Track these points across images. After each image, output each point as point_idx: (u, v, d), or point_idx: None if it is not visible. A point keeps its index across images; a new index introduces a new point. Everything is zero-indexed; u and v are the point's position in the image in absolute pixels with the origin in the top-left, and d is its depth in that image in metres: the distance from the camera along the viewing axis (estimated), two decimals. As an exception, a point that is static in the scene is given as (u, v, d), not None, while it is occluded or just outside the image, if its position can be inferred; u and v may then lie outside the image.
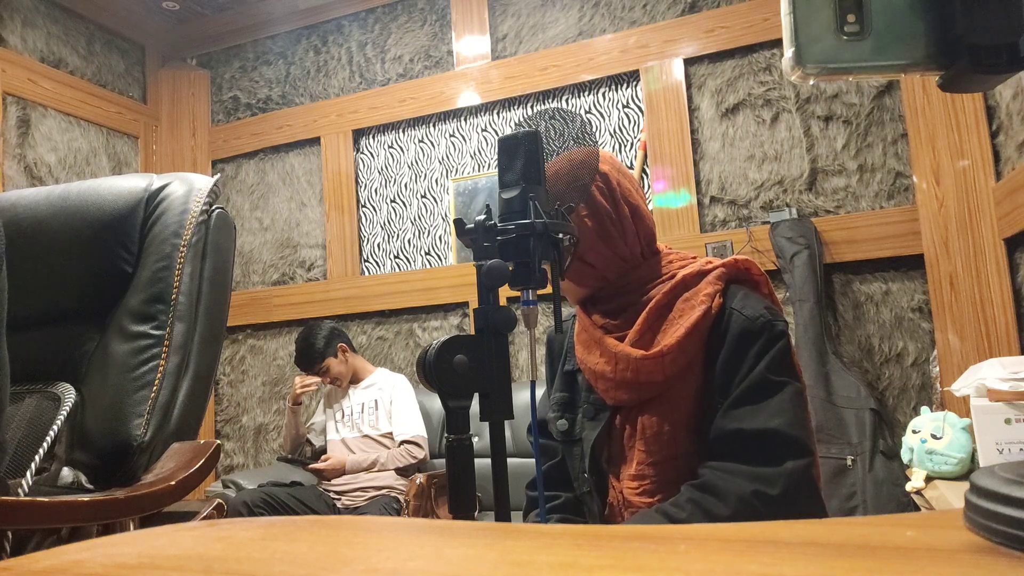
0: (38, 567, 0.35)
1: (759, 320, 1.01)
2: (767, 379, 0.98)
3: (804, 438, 0.98)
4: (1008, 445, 1.64)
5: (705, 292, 1.04)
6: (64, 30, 3.50)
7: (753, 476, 0.95)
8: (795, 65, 0.44)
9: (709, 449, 1.00)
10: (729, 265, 1.08)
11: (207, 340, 1.26)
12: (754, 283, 1.10)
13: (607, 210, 1.07)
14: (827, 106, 2.90)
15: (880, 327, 2.76)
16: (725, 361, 1.01)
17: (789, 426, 0.96)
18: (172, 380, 1.16)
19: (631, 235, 1.08)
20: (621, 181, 1.09)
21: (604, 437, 1.10)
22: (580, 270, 1.09)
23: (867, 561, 0.30)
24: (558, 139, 0.92)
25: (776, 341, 1.00)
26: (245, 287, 3.83)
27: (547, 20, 3.38)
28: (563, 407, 1.17)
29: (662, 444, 1.03)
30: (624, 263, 1.09)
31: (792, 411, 0.98)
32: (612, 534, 0.38)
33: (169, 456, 1.15)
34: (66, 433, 1.09)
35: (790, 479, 0.94)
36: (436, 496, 2.76)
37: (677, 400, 1.03)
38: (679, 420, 1.02)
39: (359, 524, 0.45)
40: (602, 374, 1.07)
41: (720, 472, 0.97)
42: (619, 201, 1.08)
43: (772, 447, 0.96)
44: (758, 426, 0.96)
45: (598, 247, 1.07)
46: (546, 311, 3.15)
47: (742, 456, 0.96)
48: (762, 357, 0.99)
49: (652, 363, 1.01)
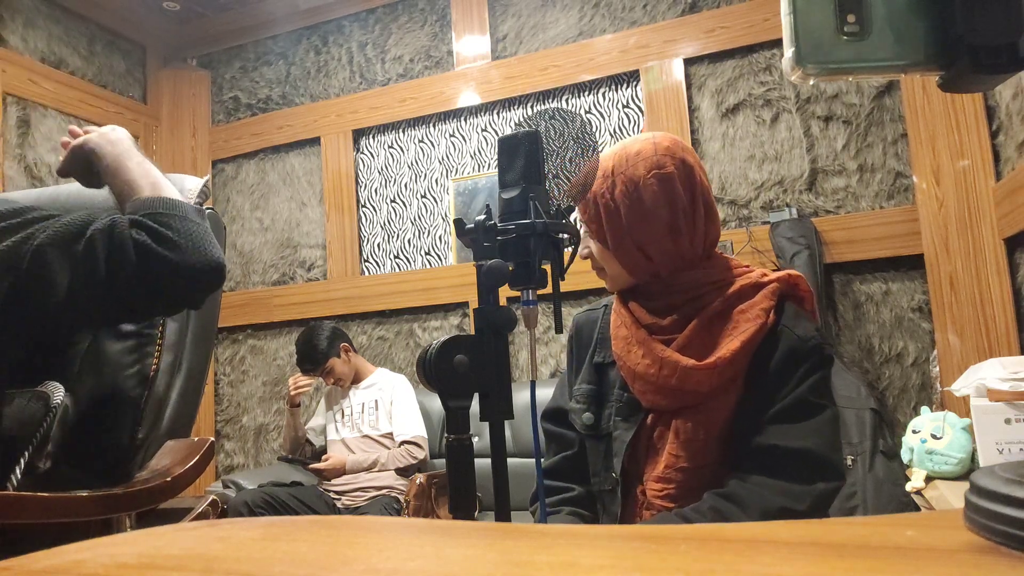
0: (38, 567, 0.35)
1: (810, 342, 1.00)
2: (809, 400, 0.98)
3: (837, 462, 0.98)
4: (1008, 445, 1.64)
5: (761, 306, 1.02)
6: (65, 30, 3.50)
7: (782, 491, 0.95)
8: (795, 65, 0.44)
9: (741, 461, 1.00)
10: (783, 280, 1.06)
11: (199, 339, 1.26)
12: (800, 299, 1.08)
13: (684, 203, 1.03)
14: (827, 106, 2.90)
15: (880, 327, 2.76)
16: (771, 377, 1.00)
17: (825, 449, 0.97)
18: (165, 379, 1.17)
19: (700, 234, 1.05)
20: (703, 177, 1.06)
21: (633, 436, 1.08)
22: (636, 260, 1.05)
23: (867, 561, 0.30)
24: (558, 139, 0.91)
25: (823, 366, 1.00)
26: (245, 287, 3.84)
27: (547, 20, 3.38)
28: (590, 400, 1.13)
29: (694, 451, 1.01)
30: (682, 261, 1.05)
31: (829, 434, 0.98)
32: (612, 534, 0.38)
33: (164, 453, 1.16)
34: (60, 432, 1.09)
35: (818, 499, 0.95)
36: (436, 496, 2.76)
37: (716, 410, 1.01)
38: (714, 429, 1.01)
39: (359, 524, 0.45)
40: (643, 375, 1.04)
41: (748, 484, 0.96)
42: (698, 196, 1.04)
43: (806, 466, 0.96)
44: (795, 444, 0.96)
45: (664, 240, 1.03)
46: (546, 311, 3.15)
47: (775, 471, 0.96)
48: (807, 378, 0.99)
49: (702, 373, 0.99)
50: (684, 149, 1.06)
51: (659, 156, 1.03)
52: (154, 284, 0.95)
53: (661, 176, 1.02)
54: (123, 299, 0.96)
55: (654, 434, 1.06)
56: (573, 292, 3.05)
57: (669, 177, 1.02)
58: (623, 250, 1.05)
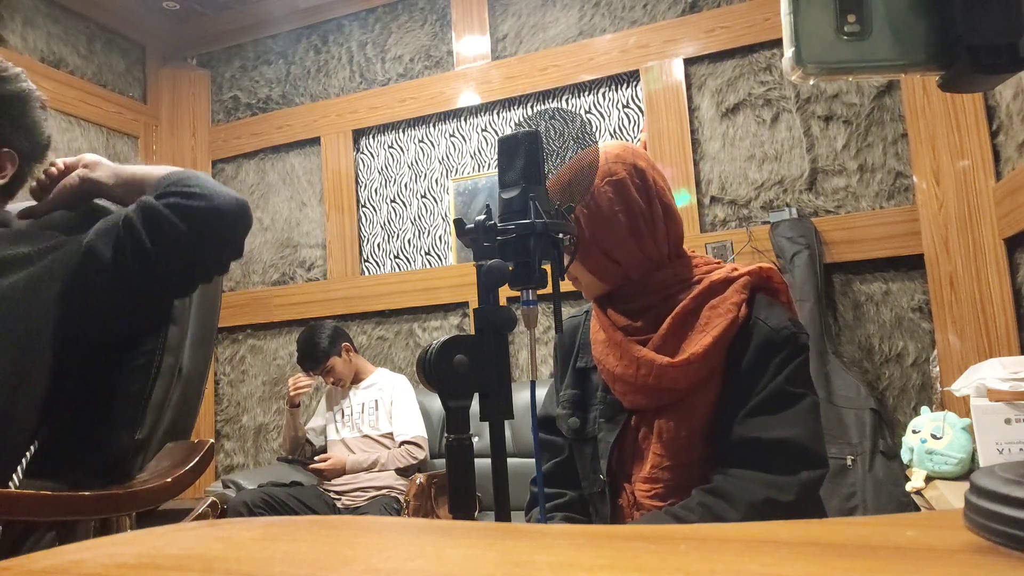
0: (38, 567, 0.35)
1: (783, 331, 1.01)
2: (786, 390, 0.99)
3: (820, 450, 0.99)
4: (1008, 445, 1.64)
5: (732, 300, 1.03)
6: (64, 30, 3.50)
7: (767, 483, 0.95)
8: (795, 65, 0.44)
9: (724, 455, 1.00)
10: (754, 273, 1.07)
11: (198, 343, 1.26)
12: (775, 291, 1.09)
13: (641, 206, 1.05)
14: (827, 106, 2.90)
15: (880, 327, 2.76)
16: (746, 370, 1.01)
17: (806, 437, 0.97)
18: (165, 380, 1.17)
19: (661, 235, 1.07)
20: (656, 179, 1.08)
21: (618, 438, 1.09)
22: (605, 266, 1.07)
23: (867, 561, 0.30)
24: (558, 139, 0.92)
25: (798, 354, 1.01)
26: (245, 287, 3.84)
27: (547, 20, 3.38)
28: (574, 405, 1.15)
29: (678, 449, 1.02)
30: (650, 263, 1.07)
31: (809, 423, 0.99)
32: (612, 534, 0.38)
33: (164, 455, 1.16)
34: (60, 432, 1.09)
35: (803, 489, 0.95)
36: (436, 496, 2.76)
37: (696, 406, 1.02)
38: (696, 426, 1.02)
39: (359, 524, 0.45)
40: (621, 377, 1.06)
41: (733, 478, 0.97)
42: (653, 198, 1.06)
43: (788, 457, 0.96)
44: (775, 435, 0.97)
45: (627, 244, 1.05)
46: (546, 311, 3.15)
47: (758, 464, 0.97)
48: (783, 368, 1.00)
49: (677, 371, 1.01)
50: (635, 154, 1.08)
51: (610, 164, 1.05)
52: (200, 233, 1.03)
53: (614, 182, 1.04)
54: (177, 261, 1.04)
55: (638, 435, 1.08)
56: (573, 292, 3.05)
57: (621, 182, 1.05)
58: (591, 258, 1.07)
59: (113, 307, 1.05)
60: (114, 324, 1.08)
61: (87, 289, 1.02)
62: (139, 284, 1.04)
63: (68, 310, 1.02)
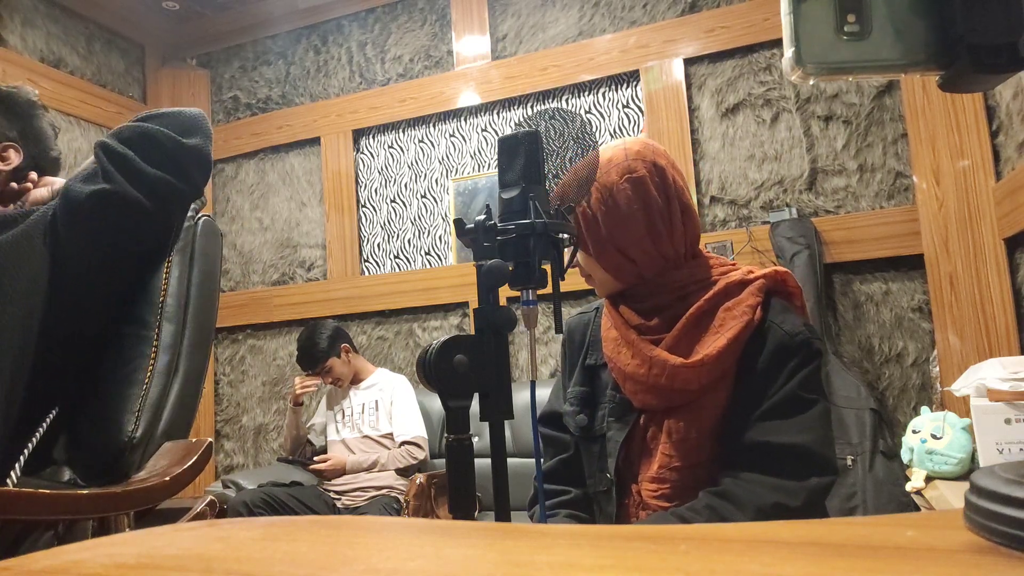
0: (37, 567, 0.35)
1: (798, 336, 1.00)
2: (799, 395, 0.98)
3: (830, 457, 0.98)
4: (1008, 445, 1.64)
5: (747, 303, 1.02)
6: (64, 30, 3.50)
7: (776, 487, 0.95)
8: (795, 65, 0.44)
9: (734, 458, 1.00)
10: (769, 276, 1.06)
11: (196, 344, 1.26)
12: (789, 295, 1.08)
13: (659, 205, 1.04)
14: (827, 106, 2.90)
15: (880, 327, 2.76)
16: (760, 373, 1.00)
17: (817, 443, 0.97)
18: (162, 380, 1.17)
19: (679, 234, 1.06)
20: (676, 178, 1.07)
21: (627, 437, 1.08)
22: (619, 264, 1.06)
23: (867, 561, 0.30)
24: (558, 139, 0.92)
25: (812, 360, 1.00)
26: (245, 287, 3.83)
27: (547, 20, 3.38)
28: (583, 402, 1.14)
29: (687, 450, 1.02)
30: (666, 262, 1.06)
31: (821, 429, 0.99)
32: (612, 534, 0.38)
33: (161, 454, 1.16)
34: (58, 432, 1.09)
35: (812, 495, 0.95)
36: (436, 496, 2.76)
37: (707, 408, 1.02)
38: (706, 428, 1.02)
39: (359, 524, 0.45)
40: (633, 376, 1.05)
41: (741, 482, 0.97)
42: (672, 197, 1.05)
43: (799, 462, 0.96)
44: (787, 440, 0.96)
45: (644, 242, 1.04)
46: (546, 311, 3.15)
47: (768, 468, 0.96)
48: (796, 373, 0.99)
49: (690, 371, 1.00)
50: (655, 152, 1.07)
51: (630, 161, 1.04)
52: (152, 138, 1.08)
53: (633, 180, 1.03)
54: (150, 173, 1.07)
55: (647, 434, 1.07)
56: (573, 292, 3.05)
57: (641, 180, 1.03)
58: (606, 256, 1.06)
59: (104, 226, 1.08)
60: (112, 247, 1.10)
61: (74, 214, 1.06)
62: (118, 193, 1.06)
63: (57, 251, 1.06)
